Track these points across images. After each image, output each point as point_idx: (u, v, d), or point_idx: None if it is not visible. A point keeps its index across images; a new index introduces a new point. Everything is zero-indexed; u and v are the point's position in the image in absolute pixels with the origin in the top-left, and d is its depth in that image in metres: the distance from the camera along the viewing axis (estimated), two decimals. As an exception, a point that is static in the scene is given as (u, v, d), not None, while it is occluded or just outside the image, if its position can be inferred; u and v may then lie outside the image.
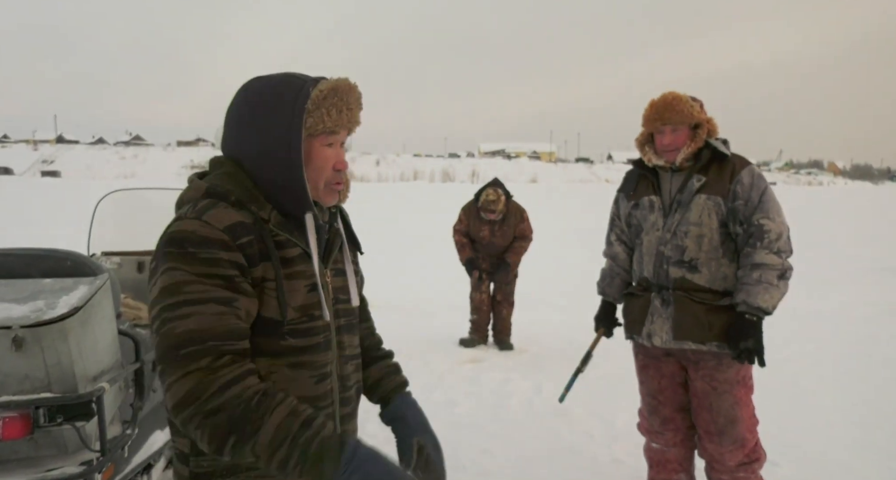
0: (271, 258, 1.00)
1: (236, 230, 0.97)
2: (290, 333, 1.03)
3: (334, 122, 1.04)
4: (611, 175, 68.19)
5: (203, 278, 0.94)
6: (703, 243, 2.06)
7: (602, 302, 2.43)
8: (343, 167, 1.09)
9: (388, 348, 1.36)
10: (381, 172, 62.49)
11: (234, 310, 0.95)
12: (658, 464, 2.29)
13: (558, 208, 21.13)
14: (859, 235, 14.88)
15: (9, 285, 1.97)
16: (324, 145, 1.06)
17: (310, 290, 1.05)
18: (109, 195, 3.35)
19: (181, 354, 0.90)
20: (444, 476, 1.18)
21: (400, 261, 9.78)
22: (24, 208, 17.98)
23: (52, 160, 65.09)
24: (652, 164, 2.17)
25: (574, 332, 5.24)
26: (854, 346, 4.93)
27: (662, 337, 2.10)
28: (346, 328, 1.15)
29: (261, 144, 1.02)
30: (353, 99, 1.07)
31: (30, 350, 1.78)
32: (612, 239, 2.39)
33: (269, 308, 1.00)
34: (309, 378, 1.05)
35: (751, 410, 2.13)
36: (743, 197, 2.03)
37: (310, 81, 1.05)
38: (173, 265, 0.94)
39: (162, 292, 0.94)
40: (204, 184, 1.04)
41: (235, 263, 0.96)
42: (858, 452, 2.92)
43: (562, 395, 2.58)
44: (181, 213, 1.01)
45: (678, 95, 2.10)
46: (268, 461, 0.90)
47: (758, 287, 1.95)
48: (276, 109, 1.02)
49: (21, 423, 1.78)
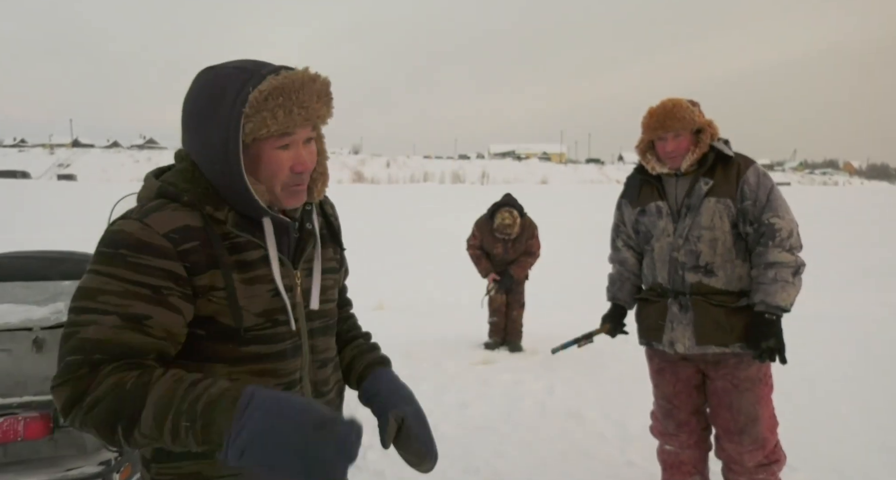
0: (219, 266, 0.93)
1: (180, 235, 0.91)
2: (252, 339, 0.96)
3: (282, 124, 0.93)
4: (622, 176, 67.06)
5: (126, 284, 0.88)
6: (717, 246, 2.04)
7: (612, 305, 2.41)
8: (304, 168, 0.98)
9: (364, 330, 1.27)
10: (392, 174, 62.65)
11: (140, 327, 0.88)
12: (672, 467, 2.28)
13: (569, 209, 21.06)
14: (875, 235, 14.67)
15: (29, 288, 2.01)
16: (276, 148, 0.96)
17: (273, 294, 0.98)
18: (126, 198, 3.40)
19: (67, 360, 0.87)
20: (431, 451, 1.05)
21: (410, 263, 9.80)
22: (42, 212, 18.25)
23: (68, 164, 66.03)
24: (656, 172, 2.15)
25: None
26: (870, 348, 4.86)
27: (685, 344, 2.08)
28: (320, 330, 1.07)
29: (202, 146, 0.95)
30: (306, 94, 0.94)
31: (50, 351, 1.81)
32: (618, 245, 2.36)
33: (224, 316, 0.94)
34: (275, 386, 0.98)
35: (771, 409, 2.11)
36: (751, 197, 2.03)
37: (255, 77, 0.93)
38: (99, 268, 0.90)
39: (79, 291, 0.91)
40: (157, 183, 0.98)
41: (169, 272, 0.90)
42: (877, 456, 2.87)
43: (556, 348, 2.53)
44: (127, 212, 0.96)
45: (677, 101, 2.08)
46: (160, 438, 0.81)
47: (774, 286, 1.95)
48: (216, 109, 0.93)
49: (42, 423, 1.81)
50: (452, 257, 8.86)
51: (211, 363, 0.95)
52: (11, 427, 1.78)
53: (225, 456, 0.78)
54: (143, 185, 1.01)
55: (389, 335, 5.24)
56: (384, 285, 7.51)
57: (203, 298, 0.93)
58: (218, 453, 0.80)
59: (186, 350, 0.95)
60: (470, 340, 5.12)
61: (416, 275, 8.71)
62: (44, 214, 17.66)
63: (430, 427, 1.07)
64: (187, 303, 0.93)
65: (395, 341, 5.03)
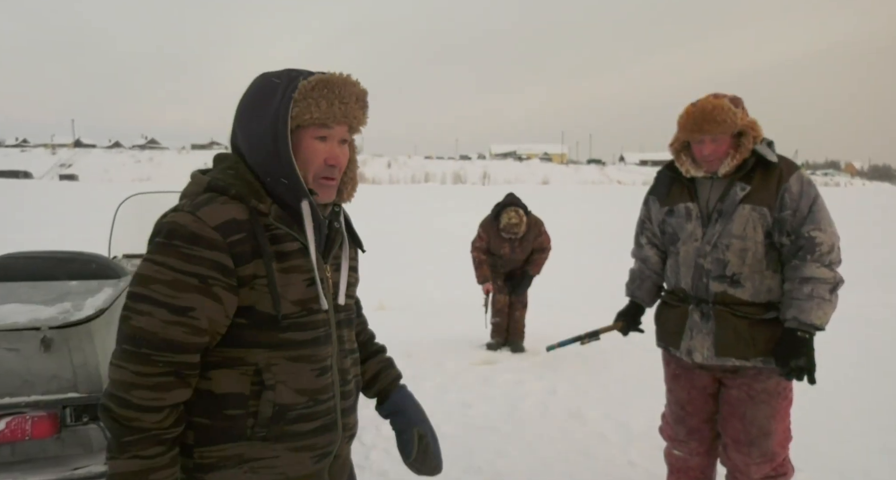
0: (263, 256, 1.00)
1: (228, 228, 0.99)
2: (289, 326, 1.04)
3: (323, 113, 1.04)
4: (623, 177, 67.74)
5: (176, 273, 0.97)
6: (746, 256, 1.92)
7: (630, 302, 2.32)
8: (336, 163, 1.08)
9: (381, 342, 1.37)
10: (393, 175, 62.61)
11: (189, 320, 0.98)
12: (679, 471, 2.22)
13: (571, 210, 21.04)
14: (877, 236, 14.65)
15: (37, 288, 2.02)
16: (314, 138, 1.06)
17: (309, 284, 1.06)
18: (129, 199, 3.43)
19: (122, 347, 0.99)
20: (440, 463, 1.24)
21: (412, 263, 9.81)
22: (43, 212, 18.28)
23: (70, 164, 66.05)
24: (690, 175, 2.00)
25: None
26: (871, 349, 4.86)
27: (704, 354, 1.99)
28: (345, 322, 1.16)
29: (254, 134, 1.05)
30: (347, 92, 1.05)
31: (58, 351, 1.83)
32: (642, 242, 2.25)
33: (264, 303, 1.02)
34: (310, 372, 1.07)
35: (786, 424, 2.01)
36: (791, 207, 1.88)
37: (305, 73, 1.06)
38: (154, 257, 0.99)
39: (136, 278, 1.00)
40: (206, 178, 1.06)
41: (218, 263, 0.98)
42: (878, 456, 2.88)
43: (551, 346, 2.50)
44: (179, 205, 1.03)
45: (718, 102, 1.88)
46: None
47: (810, 303, 1.83)
48: (270, 97, 1.04)
49: (49, 422, 1.83)
50: (453, 258, 8.87)
51: (252, 349, 1.03)
52: (19, 426, 1.80)
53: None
54: (190, 181, 1.09)
55: (390, 335, 5.24)
56: (385, 285, 7.53)
57: (247, 287, 1.01)
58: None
59: (230, 338, 1.03)
60: (471, 340, 5.13)
61: (418, 275, 8.72)
62: (46, 214, 17.68)
63: (439, 444, 1.25)
64: (231, 294, 1.00)
65: (396, 340, 5.04)
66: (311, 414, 1.07)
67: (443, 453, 1.27)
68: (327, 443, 1.11)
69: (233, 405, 1.03)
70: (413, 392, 1.32)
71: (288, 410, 1.05)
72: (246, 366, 1.03)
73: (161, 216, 1.02)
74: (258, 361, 1.02)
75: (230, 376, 1.03)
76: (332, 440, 1.12)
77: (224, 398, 1.03)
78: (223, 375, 1.03)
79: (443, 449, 1.28)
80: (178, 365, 0.98)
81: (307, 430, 1.07)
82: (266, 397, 1.03)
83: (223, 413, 1.03)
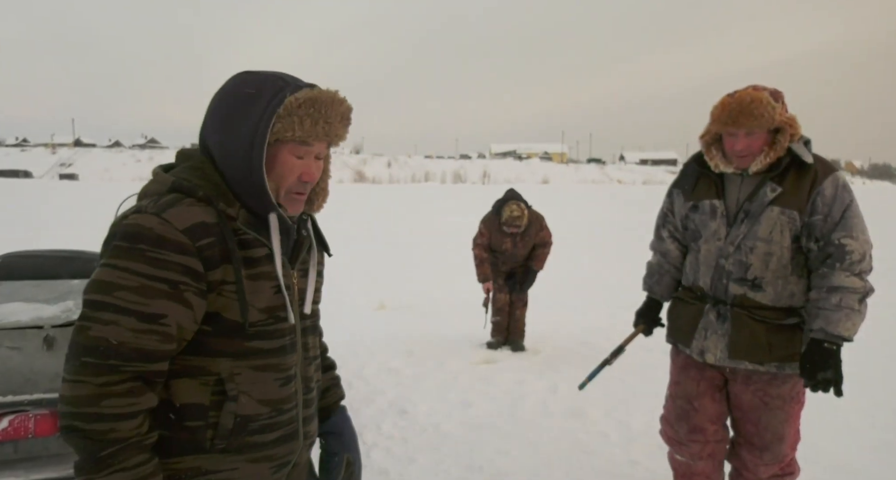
0: (232, 261, 0.96)
1: (197, 231, 0.94)
2: (255, 335, 1.00)
3: (306, 132, 0.99)
4: (623, 176, 67.75)
5: (143, 279, 0.91)
6: (770, 261, 1.83)
7: (647, 298, 2.24)
8: (310, 179, 1.04)
9: (332, 357, 1.35)
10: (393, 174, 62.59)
11: (160, 327, 0.92)
12: (684, 476, 2.15)
13: (571, 209, 21.04)
14: (878, 235, 14.62)
15: (39, 286, 2.03)
16: (292, 155, 1.02)
17: (276, 291, 1.02)
18: (130, 198, 3.43)
19: (82, 360, 0.91)
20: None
21: (412, 263, 9.82)
22: (44, 211, 18.28)
23: (70, 163, 66.03)
24: (719, 170, 1.90)
25: (587, 333, 5.22)
26: (875, 349, 4.86)
27: (716, 355, 1.92)
28: (310, 329, 1.14)
29: (227, 138, 1.00)
30: (333, 112, 1.01)
31: (60, 349, 1.83)
32: (663, 234, 2.16)
33: (231, 311, 0.98)
34: (274, 381, 1.03)
35: (797, 426, 1.99)
36: (822, 212, 1.78)
37: (292, 86, 1.00)
38: (115, 262, 0.92)
39: (94, 284, 0.93)
40: (170, 177, 1.00)
41: (187, 267, 0.93)
42: (881, 456, 2.89)
43: (583, 383, 2.42)
44: (141, 205, 0.96)
45: (757, 95, 1.76)
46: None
47: (838, 313, 1.75)
48: (251, 106, 0.99)
49: (52, 421, 1.83)
50: (454, 257, 8.87)
51: (216, 359, 0.99)
52: (22, 424, 1.80)
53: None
54: (152, 179, 1.03)
55: (391, 334, 5.28)
56: (386, 285, 7.53)
57: (214, 292, 0.97)
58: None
59: (193, 346, 0.99)
60: (472, 339, 5.13)
61: (418, 274, 8.72)
62: (46, 213, 17.69)
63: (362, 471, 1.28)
64: (200, 299, 0.96)
65: (396, 340, 5.05)
66: (274, 425, 1.04)
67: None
68: (287, 453, 1.09)
69: (192, 417, 0.98)
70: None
71: (250, 421, 1.01)
72: (208, 376, 0.99)
73: (119, 217, 0.97)
74: (221, 370, 0.98)
75: (190, 386, 0.98)
76: (292, 449, 1.09)
77: (183, 409, 0.98)
78: (183, 384, 0.98)
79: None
80: (148, 373, 0.94)
81: (268, 441, 1.04)
82: (228, 408, 0.99)
83: (182, 425, 0.98)
